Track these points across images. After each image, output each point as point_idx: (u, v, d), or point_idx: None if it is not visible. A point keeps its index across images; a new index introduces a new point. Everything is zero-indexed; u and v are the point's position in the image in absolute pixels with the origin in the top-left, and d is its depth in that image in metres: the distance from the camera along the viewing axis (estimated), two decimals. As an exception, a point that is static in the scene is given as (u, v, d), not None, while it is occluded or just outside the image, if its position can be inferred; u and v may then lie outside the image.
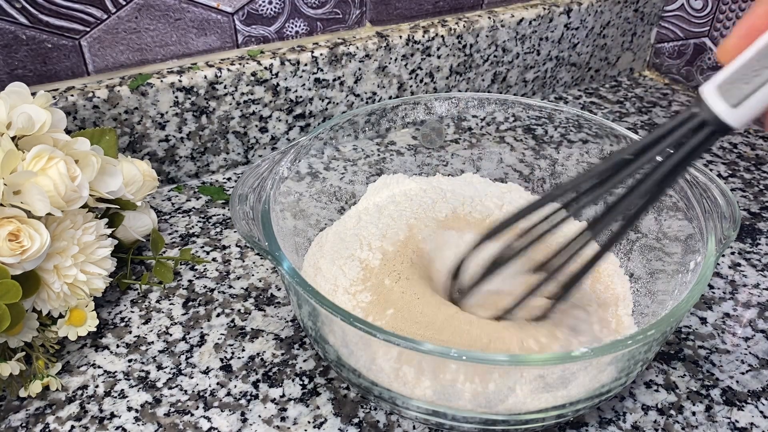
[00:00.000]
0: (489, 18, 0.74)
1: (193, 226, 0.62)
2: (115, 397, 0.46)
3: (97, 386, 0.46)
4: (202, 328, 0.51)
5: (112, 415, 0.44)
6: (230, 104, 0.64)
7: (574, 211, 0.38)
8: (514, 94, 0.81)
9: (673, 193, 0.49)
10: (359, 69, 0.69)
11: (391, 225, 0.52)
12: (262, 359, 0.49)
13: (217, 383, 0.47)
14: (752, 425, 0.45)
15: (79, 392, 0.46)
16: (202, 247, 0.59)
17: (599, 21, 0.81)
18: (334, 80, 0.68)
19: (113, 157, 0.52)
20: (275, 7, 0.65)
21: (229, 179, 0.68)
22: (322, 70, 0.67)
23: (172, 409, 0.45)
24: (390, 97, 0.73)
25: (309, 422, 0.44)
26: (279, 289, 0.55)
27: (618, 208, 0.36)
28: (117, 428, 0.44)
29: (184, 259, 0.56)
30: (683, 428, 0.44)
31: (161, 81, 0.61)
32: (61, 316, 0.47)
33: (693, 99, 0.33)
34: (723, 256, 0.59)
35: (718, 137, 0.32)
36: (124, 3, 0.58)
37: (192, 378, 0.47)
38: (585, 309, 0.47)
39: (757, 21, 0.30)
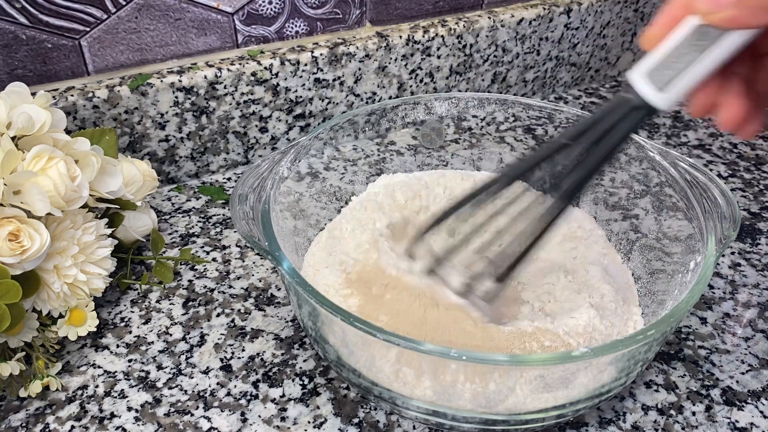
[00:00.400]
0: (489, 18, 0.74)
1: (193, 226, 0.62)
2: (115, 397, 0.46)
3: (97, 386, 0.46)
4: (202, 328, 0.51)
5: (112, 415, 0.44)
6: (230, 104, 0.64)
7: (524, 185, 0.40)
8: (514, 94, 0.81)
9: (673, 193, 0.49)
10: (359, 69, 0.69)
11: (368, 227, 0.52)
12: (262, 359, 0.49)
13: (217, 383, 0.47)
14: (752, 425, 0.45)
15: (79, 392, 0.46)
16: (202, 247, 0.59)
17: (599, 21, 0.81)
18: (334, 80, 0.68)
19: (113, 157, 0.52)
20: (275, 7, 0.65)
21: (229, 179, 0.68)
22: (322, 70, 0.67)
23: (172, 409, 0.45)
24: (390, 97, 0.73)
25: (309, 422, 0.44)
26: (279, 289, 0.55)
27: (562, 185, 0.38)
28: (117, 428, 0.44)
29: (184, 259, 0.56)
30: (683, 428, 0.44)
31: (161, 81, 0.61)
32: (61, 316, 0.47)
33: (622, 85, 0.35)
34: (723, 256, 0.59)
35: (647, 119, 0.35)
36: (124, 3, 0.58)
37: (192, 378, 0.47)
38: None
39: (675, 11, 0.32)
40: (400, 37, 0.70)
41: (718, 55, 0.31)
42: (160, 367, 0.48)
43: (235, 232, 0.61)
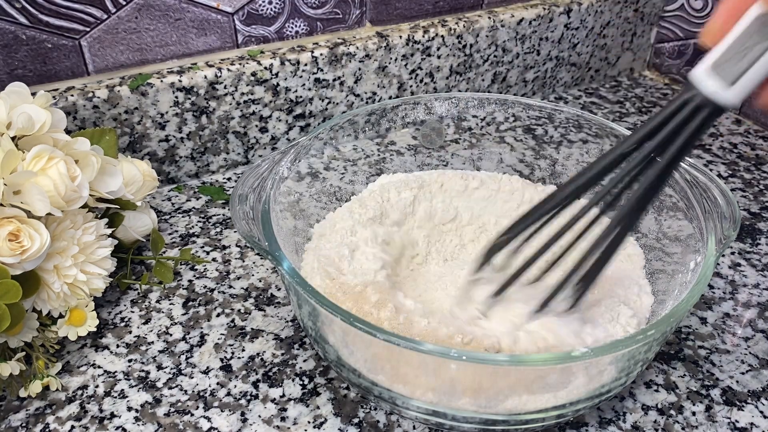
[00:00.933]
0: (489, 18, 0.74)
1: (193, 226, 0.62)
2: (115, 397, 0.46)
3: (97, 386, 0.46)
4: (202, 328, 0.51)
5: (112, 415, 0.44)
6: (230, 104, 0.64)
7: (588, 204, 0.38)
8: (514, 94, 0.81)
9: (673, 193, 0.49)
10: (359, 69, 0.69)
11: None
12: (262, 359, 0.49)
13: (217, 383, 0.47)
14: (752, 425, 0.45)
15: (79, 392, 0.46)
16: (202, 247, 0.59)
17: (599, 21, 0.81)
18: (334, 80, 0.68)
19: (113, 157, 0.52)
20: (275, 7, 0.65)
21: (229, 179, 0.68)
22: (322, 70, 0.67)
23: (172, 409, 0.45)
24: (390, 97, 0.73)
25: (309, 422, 0.44)
26: (279, 289, 0.55)
27: (627, 198, 0.36)
28: (117, 428, 0.44)
29: (184, 259, 0.56)
30: (683, 428, 0.44)
31: (161, 81, 0.61)
32: (61, 316, 0.47)
33: (683, 86, 0.33)
34: (723, 256, 0.59)
35: (715, 118, 0.33)
36: (124, 3, 0.58)
37: (192, 378, 0.47)
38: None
39: (736, 2, 0.31)
40: (400, 37, 0.70)
41: None
42: (160, 367, 0.48)
43: (235, 232, 0.61)
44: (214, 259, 0.58)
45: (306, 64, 0.66)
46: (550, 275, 0.41)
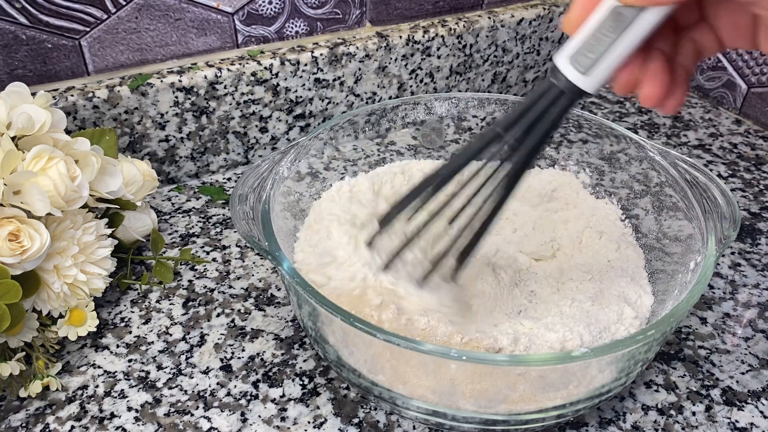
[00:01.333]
0: (489, 18, 0.74)
1: (193, 226, 0.62)
2: (115, 397, 0.46)
3: (97, 386, 0.46)
4: (202, 328, 0.51)
5: (112, 415, 0.44)
6: (230, 104, 0.64)
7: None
8: (514, 94, 0.81)
9: (673, 193, 0.49)
10: (359, 69, 0.69)
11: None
12: (262, 359, 0.49)
13: (217, 383, 0.47)
14: (752, 425, 0.45)
15: (79, 392, 0.46)
16: (202, 247, 0.59)
17: (599, 21, 0.81)
18: (334, 80, 0.68)
19: (113, 157, 0.52)
20: (275, 7, 0.65)
21: (229, 179, 0.68)
22: (322, 70, 0.67)
23: (172, 409, 0.45)
24: (390, 97, 0.73)
25: (309, 422, 0.44)
26: (279, 289, 0.55)
27: (499, 176, 0.38)
28: (117, 428, 0.44)
29: (184, 259, 0.56)
30: (683, 428, 0.44)
31: (161, 81, 0.61)
32: (61, 316, 0.47)
33: (549, 69, 0.34)
34: (723, 256, 0.59)
35: (576, 102, 0.35)
36: (124, 3, 0.58)
37: (192, 378, 0.47)
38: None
39: None
40: (400, 37, 0.70)
41: (637, 33, 0.31)
42: (160, 367, 0.48)
43: (235, 232, 0.61)
44: (214, 259, 0.58)
45: (306, 64, 0.66)
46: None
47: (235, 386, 0.46)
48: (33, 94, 0.46)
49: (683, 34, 0.34)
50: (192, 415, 0.44)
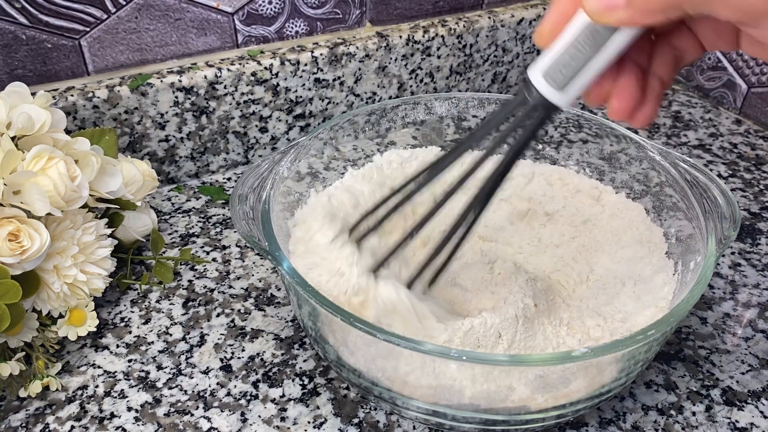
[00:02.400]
0: (489, 18, 0.74)
1: (193, 226, 0.62)
2: (115, 397, 0.46)
3: (97, 386, 0.46)
4: (202, 328, 0.51)
5: (112, 415, 0.44)
6: (230, 104, 0.64)
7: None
8: (514, 94, 0.81)
9: (673, 193, 0.49)
10: (359, 69, 0.69)
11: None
12: (262, 359, 0.49)
13: (217, 383, 0.47)
14: (752, 425, 0.45)
15: (79, 392, 0.46)
16: (202, 247, 0.59)
17: (599, 21, 0.81)
18: (334, 80, 0.68)
19: (113, 157, 0.52)
20: (275, 7, 0.65)
21: (229, 179, 0.68)
22: (322, 70, 0.67)
23: (172, 409, 0.45)
24: (390, 97, 0.73)
25: (309, 422, 0.44)
26: (279, 289, 0.55)
27: (475, 195, 0.38)
28: (117, 428, 0.44)
29: (184, 259, 0.56)
30: (683, 428, 0.44)
31: (161, 81, 0.61)
32: (61, 316, 0.47)
33: (522, 83, 0.34)
34: (723, 256, 0.59)
35: (550, 117, 0.34)
36: (124, 3, 0.58)
37: (192, 378, 0.47)
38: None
39: (565, 6, 0.31)
40: (400, 37, 0.70)
41: (613, 50, 0.31)
42: (160, 367, 0.48)
43: (235, 232, 0.61)
44: (214, 259, 0.58)
45: (306, 64, 0.66)
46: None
47: (235, 386, 0.46)
48: (33, 94, 0.46)
49: (662, 41, 0.33)
50: (192, 415, 0.44)
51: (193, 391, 0.46)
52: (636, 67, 0.33)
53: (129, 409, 0.45)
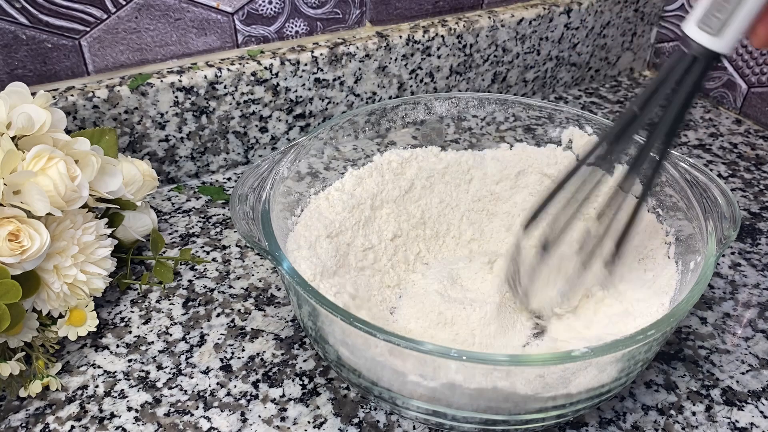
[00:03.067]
0: (489, 18, 0.74)
1: (193, 226, 0.62)
2: (115, 397, 0.46)
3: (97, 386, 0.46)
4: (202, 328, 0.51)
5: (112, 415, 0.44)
6: (230, 104, 0.64)
7: (607, 167, 0.39)
8: (514, 94, 0.81)
9: (673, 193, 0.49)
10: (359, 69, 0.69)
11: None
12: (262, 359, 0.49)
13: (217, 383, 0.47)
14: (752, 425, 0.45)
15: (79, 392, 0.46)
16: (202, 247, 0.59)
17: (599, 21, 0.81)
18: (334, 80, 0.68)
19: (113, 157, 0.52)
20: (275, 7, 0.65)
21: (229, 179, 0.68)
22: (322, 70, 0.67)
23: (172, 409, 0.45)
24: (390, 97, 0.73)
25: (309, 422, 0.44)
26: (279, 289, 0.55)
27: (644, 155, 0.37)
28: (117, 428, 0.44)
29: (184, 259, 0.56)
30: (683, 428, 0.44)
31: (161, 81, 0.61)
32: (61, 316, 0.47)
33: (679, 39, 0.34)
34: (723, 256, 0.59)
35: (711, 67, 0.34)
36: (124, 3, 0.58)
37: (192, 378, 0.47)
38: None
39: None
40: (400, 37, 0.69)
41: None
42: (160, 367, 0.48)
43: (235, 232, 0.61)
44: (214, 259, 0.58)
45: (306, 64, 0.66)
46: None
47: (235, 386, 0.46)
48: (33, 94, 0.46)
49: None
50: (192, 415, 0.44)
51: (193, 391, 0.46)
52: None
53: (129, 409, 0.45)
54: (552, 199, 0.41)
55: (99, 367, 0.48)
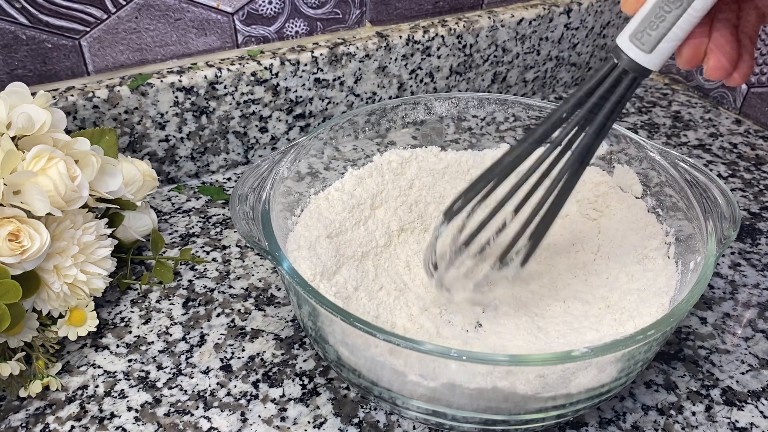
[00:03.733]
0: (489, 18, 0.74)
1: (193, 226, 0.62)
2: (115, 397, 0.46)
3: (97, 386, 0.46)
4: (202, 328, 0.51)
5: (112, 415, 0.44)
6: (230, 104, 0.64)
7: (533, 166, 0.40)
8: (514, 94, 0.81)
9: (673, 193, 0.49)
10: (359, 69, 0.69)
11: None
12: (262, 359, 0.49)
13: (217, 383, 0.47)
14: (752, 425, 0.45)
15: (79, 392, 0.46)
16: (202, 247, 0.59)
17: (599, 21, 0.81)
18: (334, 80, 0.68)
19: (113, 157, 0.52)
20: (275, 7, 0.65)
21: (229, 179, 0.68)
22: (322, 70, 0.67)
23: (172, 409, 0.45)
24: (390, 97, 0.73)
25: (309, 422, 0.44)
26: (279, 289, 0.55)
27: (567, 162, 0.38)
28: (117, 428, 0.44)
29: (184, 259, 0.56)
30: (683, 428, 0.44)
31: (161, 81, 0.61)
32: (61, 316, 0.47)
33: (611, 50, 0.35)
34: (723, 256, 0.59)
35: (640, 81, 0.35)
36: (124, 3, 0.58)
37: (192, 378, 0.47)
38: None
39: None
40: (400, 37, 0.70)
41: (699, 6, 0.31)
42: (160, 367, 0.48)
43: (235, 232, 0.61)
44: (214, 259, 0.58)
45: (306, 64, 0.66)
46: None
47: (235, 386, 0.46)
48: (33, 94, 0.46)
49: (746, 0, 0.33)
50: (192, 415, 0.45)
51: (193, 391, 0.46)
52: (728, 24, 0.32)
53: (129, 409, 0.45)
54: (476, 191, 0.41)
55: (99, 367, 0.48)
